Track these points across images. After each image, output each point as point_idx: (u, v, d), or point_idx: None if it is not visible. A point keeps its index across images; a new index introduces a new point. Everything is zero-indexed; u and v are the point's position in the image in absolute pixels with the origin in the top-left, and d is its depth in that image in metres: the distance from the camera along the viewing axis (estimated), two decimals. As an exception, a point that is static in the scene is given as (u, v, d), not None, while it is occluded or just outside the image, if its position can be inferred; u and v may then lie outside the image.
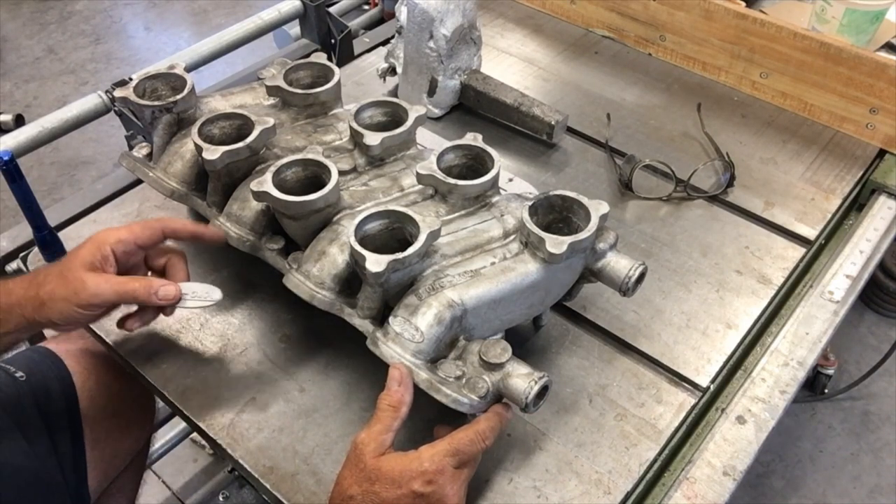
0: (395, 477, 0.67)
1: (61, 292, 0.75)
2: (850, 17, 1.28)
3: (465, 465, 0.70)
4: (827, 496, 1.71)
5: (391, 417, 0.70)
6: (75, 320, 0.77)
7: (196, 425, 0.83)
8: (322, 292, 0.78)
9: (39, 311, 0.75)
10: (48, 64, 3.05)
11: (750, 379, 0.89)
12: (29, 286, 0.77)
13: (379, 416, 0.70)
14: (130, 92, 0.91)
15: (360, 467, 0.67)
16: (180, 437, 1.59)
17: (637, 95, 1.28)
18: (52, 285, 0.76)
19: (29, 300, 0.76)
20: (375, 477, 0.67)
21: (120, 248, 0.78)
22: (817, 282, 1.00)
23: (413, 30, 1.13)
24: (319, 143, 0.92)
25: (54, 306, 0.75)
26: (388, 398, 0.70)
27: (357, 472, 0.67)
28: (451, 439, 0.70)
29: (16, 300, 0.76)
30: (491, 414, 0.73)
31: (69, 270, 0.76)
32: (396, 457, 0.68)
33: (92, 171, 2.55)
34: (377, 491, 0.66)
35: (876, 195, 1.12)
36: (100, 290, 0.75)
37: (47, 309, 0.75)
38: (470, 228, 0.81)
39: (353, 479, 0.67)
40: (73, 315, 0.76)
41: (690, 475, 0.80)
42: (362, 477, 0.67)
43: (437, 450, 0.69)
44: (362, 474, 0.67)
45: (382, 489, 0.66)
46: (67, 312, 0.75)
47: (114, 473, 1.04)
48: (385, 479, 0.66)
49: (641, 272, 0.81)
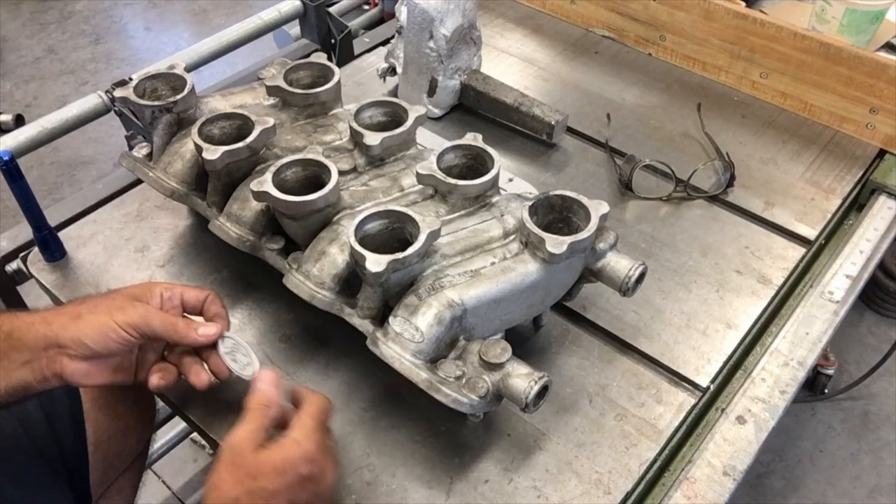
0: (279, 466, 0.66)
1: (104, 306, 0.73)
2: (850, 17, 1.28)
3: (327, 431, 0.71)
4: (827, 496, 1.71)
5: (263, 415, 0.69)
6: (108, 340, 0.72)
7: (196, 425, 0.84)
8: (322, 292, 0.78)
9: (71, 326, 0.71)
10: (48, 64, 3.05)
11: (750, 379, 0.89)
12: (64, 306, 0.76)
13: (250, 415, 0.69)
14: (130, 92, 0.91)
15: (240, 465, 0.66)
16: (180, 437, 1.59)
17: (637, 95, 1.28)
18: (95, 301, 0.74)
19: (61, 313, 0.72)
20: (258, 472, 0.65)
21: (167, 293, 0.77)
22: (817, 282, 1.00)
23: (413, 30, 1.13)
24: (319, 143, 0.92)
25: (93, 319, 0.71)
26: (258, 397, 0.70)
27: (236, 472, 0.66)
28: (309, 411, 0.70)
29: (40, 316, 0.72)
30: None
31: (116, 294, 0.76)
32: (273, 448, 0.67)
33: (92, 171, 2.55)
34: (263, 486, 0.65)
35: (876, 195, 1.12)
36: (147, 313, 0.73)
37: (83, 322, 0.71)
38: (470, 228, 0.81)
39: (233, 480, 0.65)
40: (109, 333, 0.71)
41: (690, 475, 0.80)
42: (244, 475, 0.65)
43: (306, 428, 0.69)
44: (243, 472, 0.65)
45: (269, 482, 0.65)
46: (105, 328, 0.71)
47: (114, 475, 1.03)
48: (269, 471, 0.66)
49: (641, 272, 0.81)
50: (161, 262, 1.00)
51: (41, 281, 0.99)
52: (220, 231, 0.87)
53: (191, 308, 0.79)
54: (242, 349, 0.78)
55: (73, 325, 0.71)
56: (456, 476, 0.78)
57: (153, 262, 1.00)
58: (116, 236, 1.03)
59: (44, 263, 1.00)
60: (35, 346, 0.71)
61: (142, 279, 0.97)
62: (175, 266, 0.99)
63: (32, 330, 0.71)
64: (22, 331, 0.71)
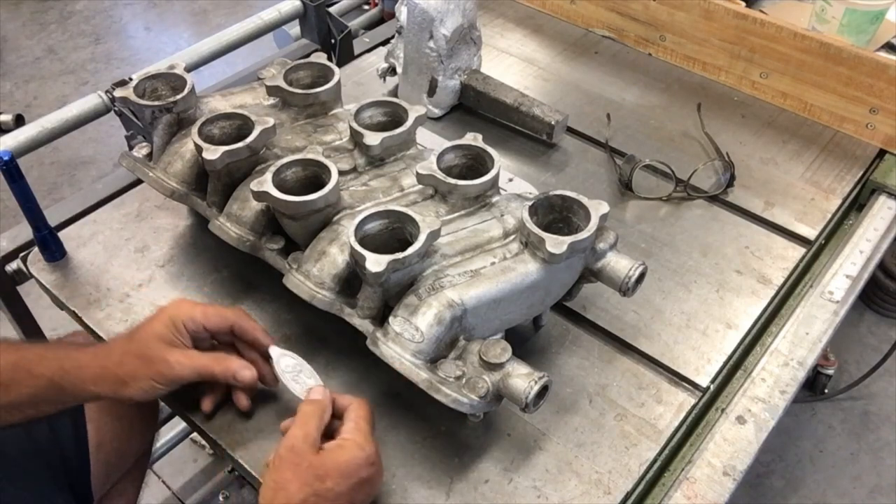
0: (343, 469, 0.67)
1: (144, 372, 0.75)
2: (850, 17, 1.28)
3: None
4: (827, 496, 1.71)
5: (317, 417, 0.71)
6: (155, 395, 0.78)
7: (196, 425, 0.84)
8: (322, 292, 0.78)
9: (120, 390, 0.76)
10: (48, 64, 3.05)
11: (750, 379, 0.89)
12: (104, 363, 0.77)
13: (303, 418, 0.71)
14: (130, 92, 0.91)
15: (305, 466, 0.66)
16: (180, 437, 1.59)
17: (637, 95, 1.28)
18: (133, 366, 0.76)
19: (106, 379, 0.76)
20: (325, 474, 0.66)
21: (190, 325, 0.78)
22: (817, 282, 1.00)
23: (413, 30, 1.13)
24: (319, 143, 0.92)
25: (137, 385, 0.75)
26: (311, 400, 0.73)
27: (302, 474, 0.66)
28: (361, 415, 0.72)
29: (90, 377, 0.76)
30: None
31: (149, 349, 0.76)
32: (336, 451, 0.68)
33: (92, 171, 2.55)
34: (330, 487, 0.66)
35: (876, 195, 1.12)
36: (183, 371, 0.76)
37: (129, 388, 0.75)
38: (470, 228, 0.81)
39: (300, 481, 0.66)
40: (155, 393, 0.76)
41: (690, 475, 0.80)
42: (312, 477, 0.66)
43: (363, 431, 0.70)
44: (310, 474, 0.66)
45: (335, 484, 0.66)
46: (150, 391, 0.76)
47: (116, 476, 1.03)
48: (335, 473, 0.66)
49: (641, 272, 0.81)
50: (161, 262, 1.00)
51: (41, 281, 0.99)
52: (220, 231, 0.87)
53: (217, 335, 0.81)
54: (307, 371, 0.79)
55: (121, 390, 0.76)
56: (456, 476, 0.78)
57: (153, 262, 1.00)
58: (116, 236, 1.03)
59: (44, 263, 1.00)
60: (86, 398, 0.79)
61: (142, 279, 0.97)
62: (175, 266, 0.99)
63: (85, 388, 0.76)
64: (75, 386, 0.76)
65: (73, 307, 0.95)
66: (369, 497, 0.71)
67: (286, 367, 0.79)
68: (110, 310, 0.94)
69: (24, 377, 0.76)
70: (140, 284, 0.97)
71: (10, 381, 0.76)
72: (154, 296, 0.95)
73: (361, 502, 0.70)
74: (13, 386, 0.76)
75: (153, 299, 0.95)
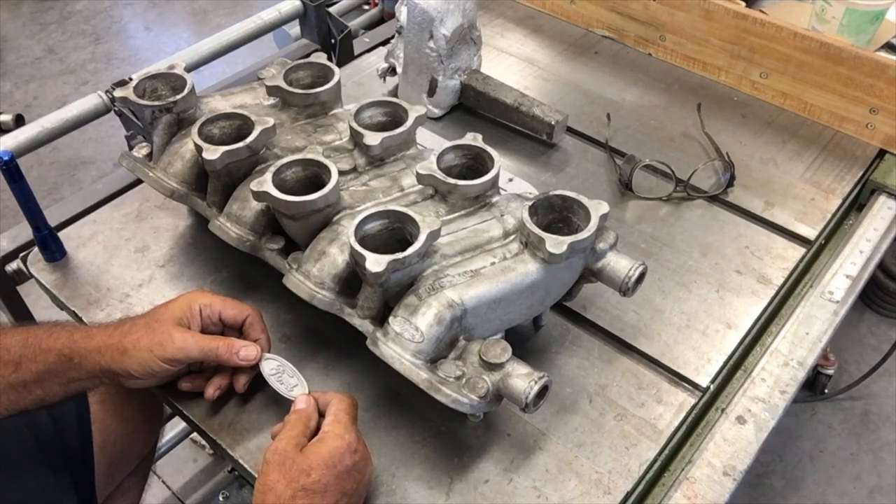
0: (327, 459, 0.68)
1: (146, 342, 0.76)
2: (850, 17, 1.28)
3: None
4: (827, 496, 1.71)
5: (302, 424, 0.73)
6: (154, 373, 0.77)
7: (196, 425, 0.84)
8: (322, 292, 0.78)
9: (119, 360, 0.76)
10: (48, 64, 3.05)
11: (750, 379, 0.89)
12: (112, 333, 0.78)
13: (289, 425, 0.73)
14: (130, 92, 0.91)
15: (289, 465, 0.68)
16: (180, 437, 1.59)
17: (637, 95, 1.28)
18: (138, 334, 0.77)
19: (110, 347, 0.76)
20: (309, 468, 0.68)
21: (206, 311, 0.80)
22: (817, 282, 1.00)
23: (413, 30, 1.13)
24: (319, 143, 0.92)
25: (137, 356, 0.76)
26: (296, 410, 0.75)
27: (288, 472, 0.68)
28: (342, 408, 0.73)
29: (95, 346, 0.77)
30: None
31: (158, 322, 0.78)
32: (318, 444, 0.70)
33: (92, 171, 2.55)
34: (316, 479, 0.67)
35: (876, 195, 1.12)
36: (186, 344, 0.77)
37: (128, 358, 0.76)
38: (470, 228, 0.81)
39: (286, 480, 0.67)
40: (153, 367, 0.76)
41: (690, 475, 0.80)
42: (297, 473, 0.67)
43: (343, 422, 0.72)
44: (295, 471, 0.68)
45: (320, 475, 0.67)
46: (149, 364, 0.76)
47: (120, 477, 1.03)
48: (319, 465, 0.68)
49: (641, 272, 0.81)
50: (161, 262, 1.00)
51: (41, 281, 0.99)
52: (220, 231, 0.87)
53: (230, 324, 0.83)
54: (289, 371, 0.81)
55: (121, 360, 0.76)
56: (456, 476, 0.78)
57: (153, 262, 1.00)
58: (116, 236, 1.03)
59: (44, 263, 1.00)
60: (92, 371, 0.78)
61: (142, 279, 0.97)
62: (175, 266, 0.99)
63: (90, 358, 0.77)
64: (82, 356, 0.77)
65: (73, 307, 0.95)
66: (360, 485, 0.72)
67: (270, 370, 0.81)
68: (110, 310, 0.94)
69: (33, 353, 0.77)
70: (140, 284, 0.97)
71: (21, 358, 0.77)
72: (154, 296, 0.95)
73: (353, 490, 0.70)
74: (24, 363, 0.77)
75: (153, 299, 0.95)
